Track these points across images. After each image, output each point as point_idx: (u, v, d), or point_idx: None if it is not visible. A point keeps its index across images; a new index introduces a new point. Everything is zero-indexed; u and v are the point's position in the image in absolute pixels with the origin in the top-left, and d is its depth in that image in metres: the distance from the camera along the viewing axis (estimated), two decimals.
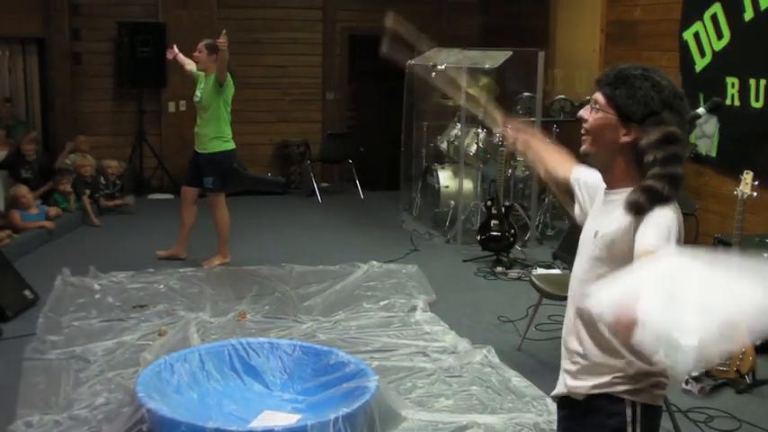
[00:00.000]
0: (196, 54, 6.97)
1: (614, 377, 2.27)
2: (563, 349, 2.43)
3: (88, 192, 8.80)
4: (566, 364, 2.41)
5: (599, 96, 2.27)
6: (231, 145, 7.02)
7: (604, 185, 2.36)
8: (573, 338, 2.38)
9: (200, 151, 6.97)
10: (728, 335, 1.77)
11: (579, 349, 2.35)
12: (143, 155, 10.24)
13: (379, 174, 11.45)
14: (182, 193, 7.25)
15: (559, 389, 2.45)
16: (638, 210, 2.15)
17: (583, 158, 2.47)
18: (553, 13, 9.65)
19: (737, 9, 6.60)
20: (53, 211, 8.04)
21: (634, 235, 2.15)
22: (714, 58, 6.96)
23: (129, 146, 10.17)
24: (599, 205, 2.39)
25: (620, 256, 2.20)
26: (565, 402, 2.43)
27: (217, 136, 6.90)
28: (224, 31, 6.60)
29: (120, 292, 6.22)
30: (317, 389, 4.30)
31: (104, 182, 9.22)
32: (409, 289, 6.46)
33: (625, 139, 2.22)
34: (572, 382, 2.37)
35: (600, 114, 2.26)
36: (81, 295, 6.09)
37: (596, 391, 2.30)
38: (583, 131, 2.33)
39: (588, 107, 2.32)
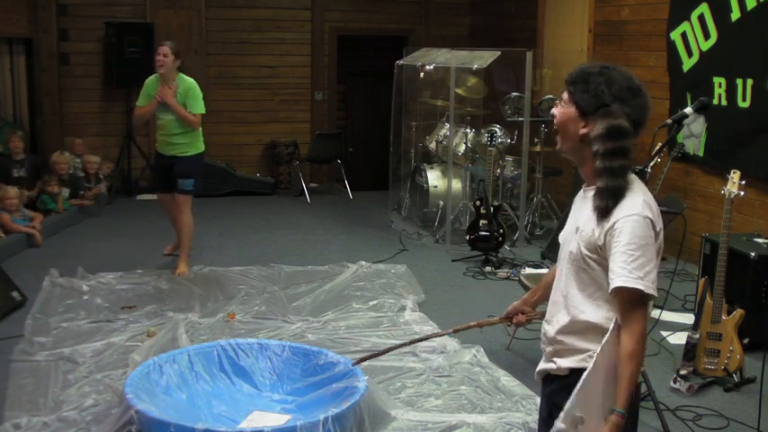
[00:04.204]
0: (161, 58, 6.53)
1: (591, 353, 2.40)
2: (542, 335, 2.58)
3: (68, 191, 8.75)
4: (546, 347, 2.56)
5: (564, 93, 2.44)
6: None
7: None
8: (550, 326, 2.53)
9: (179, 155, 6.72)
10: None
11: (556, 336, 2.49)
12: (131, 155, 10.21)
13: (368, 174, 11.48)
14: (162, 202, 7.07)
15: (542, 367, 2.59)
16: (607, 213, 2.34)
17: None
18: (541, 13, 9.68)
19: (724, 9, 6.63)
20: (38, 218, 7.94)
21: (606, 232, 2.34)
22: (701, 58, 6.99)
23: (117, 146, 10.13)
24: (579, 200, 2.55)
25: (597, 250, 2.38)
26: (549, 379, 2.57)
27: (198, 139, 6.80)
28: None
29: (109, 293, 6.20)
30: (306, 389, 4.30)
31: (83, 175, 9.17)
32: (398, 289, 6.46)
33: (583, 131, 2.39)
34: (553, 363, 2.51)
35: (563, 109, 2.44)
36: (69, 296, 6.07)
37: (577, 365, 2.43)
38: (554, 129, 2.50)
39: (558, 105, 2.49)
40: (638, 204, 2.33)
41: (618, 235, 2.31)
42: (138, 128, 10.04)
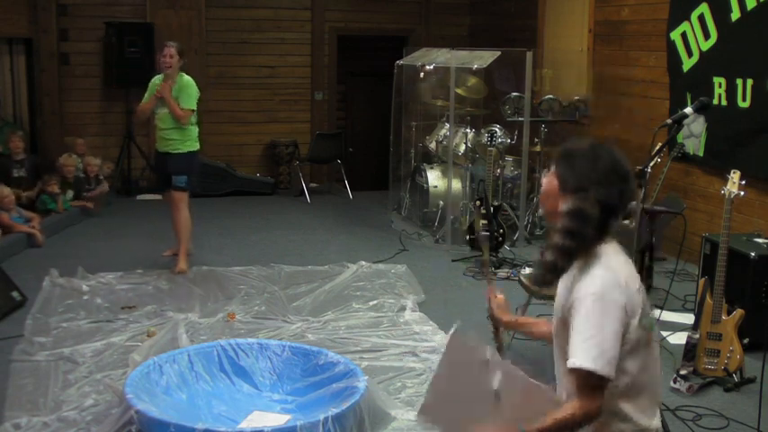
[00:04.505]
0: (168, 59, 6.69)
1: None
2: None
3: (72, 192, 8.77)
4: None
5: (553, 166, 2.47)
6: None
7: None
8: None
9: (171, 152, 6.80)
10: None
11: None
12: (131, 155, 10.21)
13: (368, 174, 11.47)
14: (167, 201, 7.09)
15: None
16: (542, 283, 2.40)
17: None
18: (541, 13, 9.67)
19: (724, 9, 6.63)
20: (36, 219, 7.91)
21: (570, 307, 2.36)
22: (701, 58, 6.99)
23: (117, 146, 10.14)
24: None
25: (567, 324, 2.37)
26: None
27: (191, 137, 6.87)
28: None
29: (109, 293, 6.20)
30: (306, 389, 4.30)
31: (84, 176, 9.19)
32: (398, 289, 6.46)
33: (560, 207, 2.40)
34: None
35: (549, 179, 2.47)
36: (69, 296, 6.07)
37: None
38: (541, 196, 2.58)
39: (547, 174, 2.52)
40: (598, 278, 2.32)
41: (576, 312, 2.31)
42: (138, 127, 10.07)
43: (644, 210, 3.67)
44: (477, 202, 7.39)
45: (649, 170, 3.70)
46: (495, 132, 7.81)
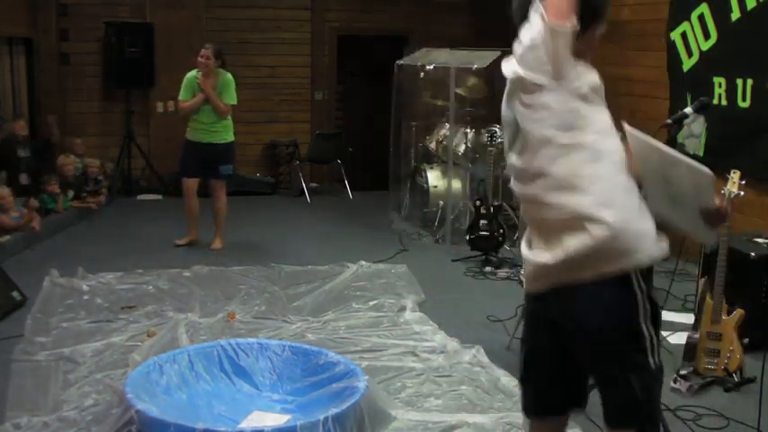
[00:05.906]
0: (204, 60, 7.37)
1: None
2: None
3: (72, 192, 8.77)
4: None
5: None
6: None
7: None
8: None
9: (217, 142, 7.55)
10: None
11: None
12: (131, 155, 10.21)
13: (368, 174, 11.46)
14: (189, 188, 7.59)
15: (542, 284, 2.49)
16: None
17: None
18: None
19: (724, 9, 6.63)
20: (33, 212, 7.91)
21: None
22: (701, 57, 6.99)
23: (117, 146, 10.14)
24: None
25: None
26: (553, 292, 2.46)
27: (231, 129, 7.69)
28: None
29: (109, 293, 6.20)
30: (306, 389, 4.30)
31: (84, 178, 9.19)
32: (398, 289, 6.46)
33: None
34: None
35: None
36: (69, 296, 6.07)
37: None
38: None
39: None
40: None
41: None
42: (138, 127, 10.08)
43: None
44: (478, 202, 7.40)
45: None
46: (495, 132, 7.80)
